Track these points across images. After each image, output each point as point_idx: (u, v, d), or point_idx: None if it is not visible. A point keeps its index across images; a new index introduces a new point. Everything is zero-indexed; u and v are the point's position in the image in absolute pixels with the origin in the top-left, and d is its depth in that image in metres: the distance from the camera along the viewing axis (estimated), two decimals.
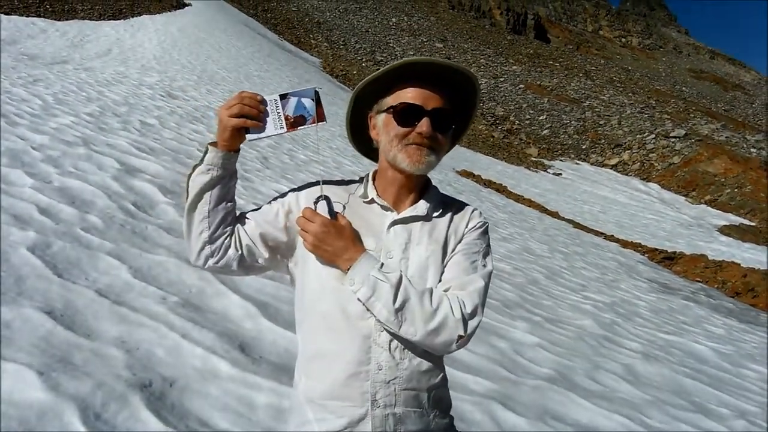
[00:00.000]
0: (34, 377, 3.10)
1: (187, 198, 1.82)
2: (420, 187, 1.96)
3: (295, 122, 1.77)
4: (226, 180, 1.83)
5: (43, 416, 2.88)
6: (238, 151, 1.84)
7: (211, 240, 1.83)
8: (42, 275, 4.32)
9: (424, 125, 1.78)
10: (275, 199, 1.97)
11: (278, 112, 1.76)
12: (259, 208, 1.94)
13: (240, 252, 1.87)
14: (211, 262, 1.85)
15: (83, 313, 4.00)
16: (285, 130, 1.77)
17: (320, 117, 1.78)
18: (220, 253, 1.85)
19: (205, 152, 1.80)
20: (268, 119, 1.76)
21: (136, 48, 27.53)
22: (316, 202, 1.83)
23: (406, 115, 1.81)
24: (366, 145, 2.04)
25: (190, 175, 1.82)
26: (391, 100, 1.85)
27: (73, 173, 6.98)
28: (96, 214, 5.92)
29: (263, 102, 1.76)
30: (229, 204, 1.85)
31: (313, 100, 1.77)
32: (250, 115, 1.74)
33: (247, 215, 1.92)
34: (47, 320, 3.72)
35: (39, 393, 3.01)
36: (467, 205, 2.03)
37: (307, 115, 1.77)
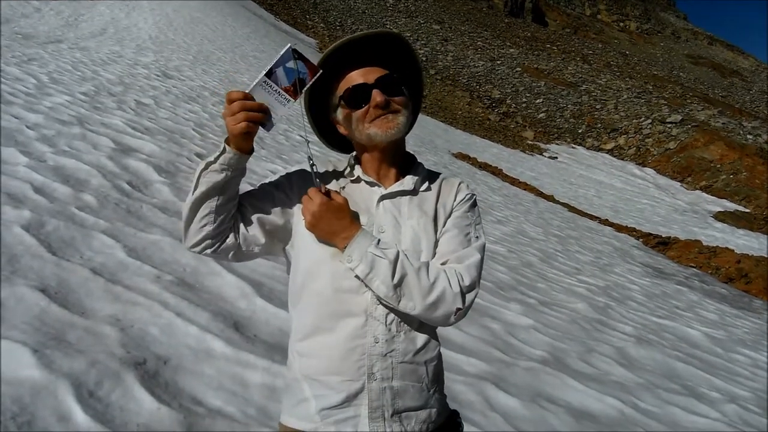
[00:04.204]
0: (28, 355, 3.10)
1: (194, 191, 1.78)
2: (401, 161, 1.98)
3: (296, 88, 1.74)
4: (237, 179, 1.82)
5: (37, 394, 2.88)
6: (252, 151, 1.81)
7: (214, 235, 1.82)
8: (36, 254, 4.31)
9: (376, 96, 1.81)
10: (268, 183, 1.96)
11: (276, 90, 1.73)
12: (253, 193, 1.93)
13: (237, 242, 1.87)
14: (208, 251, 1.85)
15: (77, 292, 4.00)
16: (293, 100, 1.75)
17: (313, 68, 1.75)
18: (218, 244, 1.84)
19: (222, 152, 1.76)
20: (272, 102, 1.73)
21: (132, 28, 27.34)
22: (314, 176, 1.82)
23: (355, 97, 1.84)
24: (343, 143, 2.06)
25: (202, 170, 1.78)
26: (339, 91, 1.89)
27: (67, 152, 6.95)
28: (90, 193, 5.90)
29: (255, 93, 1.71)
30: (234, 201, 1.84)
31: (296, 59, 1.73)
32: (255, 119, 1.70)
33: (243, 203, 1.90)
34: (41, 298, 3.71)
35: (33, 371, 3.01)
36: (453, 177, 2.05)
37: (301, 74, 1.74)
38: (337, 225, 1.76)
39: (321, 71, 1.76)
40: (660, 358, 6.89)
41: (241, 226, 1.87)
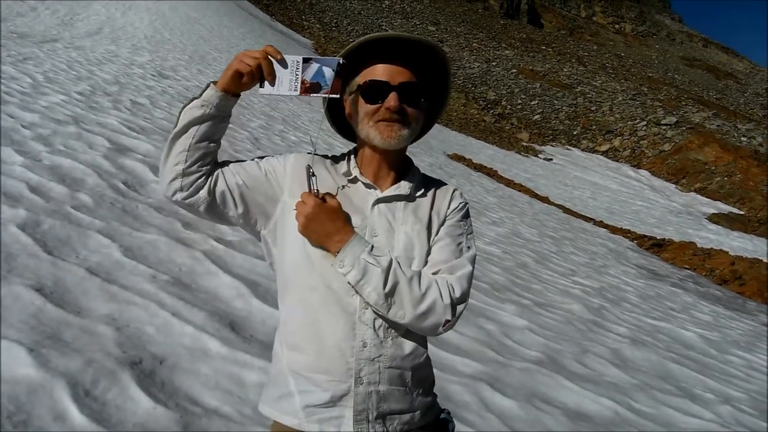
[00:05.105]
0: (24, 354, 3.10)
1: (174, 127, 1.79)
2: (400, 165, 1.96)
3: (310, 88, 1.74)
4: (216, 120, 1.80)
5: (33, 393, 2.88)
6: (237, 96, 1.81)
7: (185, 174, 1.80)
8: (32, 253, 4.31)
9: (391, 100, 1.78)
10: (262, 159, 1.94)
11: (297, 74, 1.74)
12: (244, 165, 1.90)
13: (211, 197, 1.83)
14: (179, 196, 1.82)
15: (73, 291, 3.99)
16: (298, 92, 1.74)
17: (335, 89, 1.75)
18: (189, 191, 1.81)
19: (206, 88, 1.78)
20: (285, 78, 1.74)
21: (127, 27, 27.28)
22: (309, 177, 1.81)
23: (373, 91, 1.81)
24: (347, 128, 2.03)
25: (184, 106, 1.79)
26: (360, 79, 1.85)
27: (63, 151, 6.94)
28: (86, 192, 5.90)
29: (282, 62, 1.74)
30: (212, 144, 1.82)
31: (334, 70, 1.74)
32: (265, 73, 1.72)
33: (232, 166, 1.88)
34: (37, 297, 3.71)
35: (29, 369, 3.01)
36: (447, 185, 2.03)
37: (324, 84, 1.74)
38: (331, 227, 1.75)
39: (337, 96, 1.76)
40: (655, 359, 6.91)
41: (221, 184, 1.83)
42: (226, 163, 1.88)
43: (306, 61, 1.74)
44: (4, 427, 2.61)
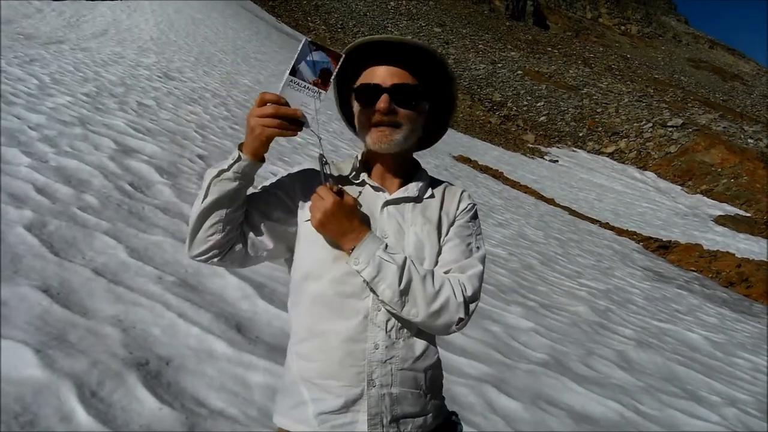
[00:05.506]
0: (30, 355, 3.10)
1: (204, 199, 1.73)
2: (407, 167, 1.96)
3: (324, 79, 1.70)
4: (248, 187, 1.78)
5: (39, 393, 2.88)
6: (264, 160, 1.77)
7: (222, 244, 1.77)
8: (38, 254, 4.32)
9: (381, 102, 1.76)
10: (271, 185, 1.91)
11: (304, 86, 1.68)
12: (259, 197, 1.88)
13: (245, 249, 1.83)
14: (215, 260, 1.80)
15: (79, 292, 4.00)
16: (324, 91, 1.70)
17: (334, 56, 1.70)
18: (225, 254, 1.80)
19: (237, 159, 1.71)
20: (306, 99, 1.69)
21: (133, 29, 27.36)
22: (325, 178, 1.78)
23: (365, 94, 1.81)
24: None
25: (213, 177, 1.72)
26: (358, 82, 1.85)
27: (69, 153, 6.95)
28: (92, 193, 5.91)
29: (288, 97, 1.66)
30: (243, 210, 1.80)
31: (315, 51, 1.68)
32: (286, 127, 1.65)
33: (249, 209, 1.84)
34: (43, 298, 3.72)
35: (35, 370, 3.01)
36: (455, 186, 2.03)
37: (326, 63, 1.69)
38: (347, 225, 1.73)
39: (343, 57, 1.71)
40: (660, 362, 6.89)
41: (249, 233, 1.83)
42: (246, 211, 1.84)
43: (293, 72, 1.67)
44: (11, 428, 2.62)
